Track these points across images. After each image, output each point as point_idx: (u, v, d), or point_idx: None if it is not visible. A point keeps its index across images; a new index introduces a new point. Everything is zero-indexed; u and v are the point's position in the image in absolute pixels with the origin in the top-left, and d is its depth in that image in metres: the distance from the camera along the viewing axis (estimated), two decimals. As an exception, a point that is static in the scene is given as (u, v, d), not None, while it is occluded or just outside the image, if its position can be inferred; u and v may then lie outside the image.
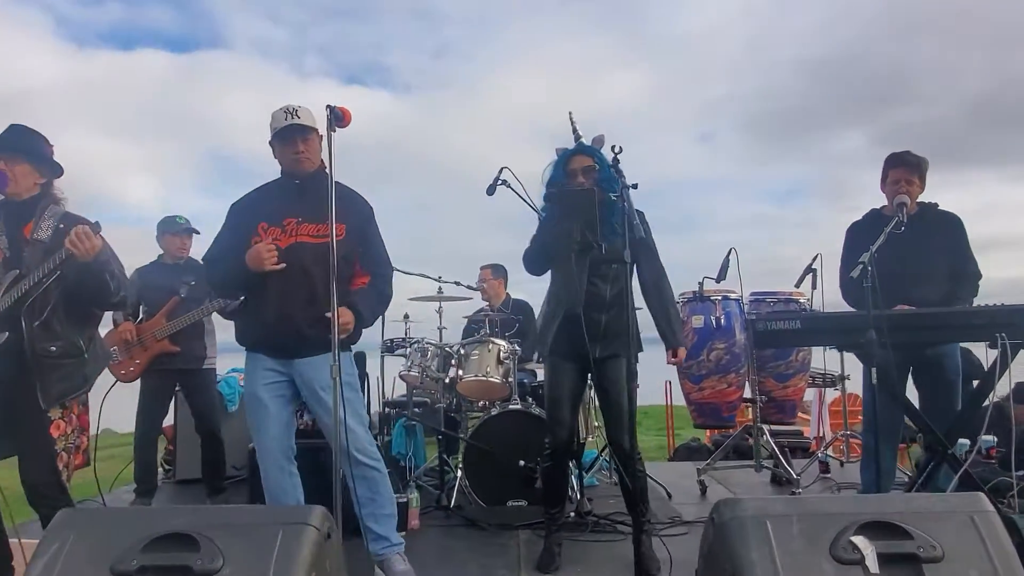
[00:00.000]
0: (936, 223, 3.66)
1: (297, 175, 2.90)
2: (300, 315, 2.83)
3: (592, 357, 3.05)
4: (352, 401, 2.92)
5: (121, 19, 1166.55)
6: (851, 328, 3.09)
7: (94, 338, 2.90)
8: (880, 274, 3.61)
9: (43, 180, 2.85)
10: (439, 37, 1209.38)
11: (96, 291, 2.72)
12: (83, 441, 2.95)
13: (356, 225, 2.93)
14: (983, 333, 3.04)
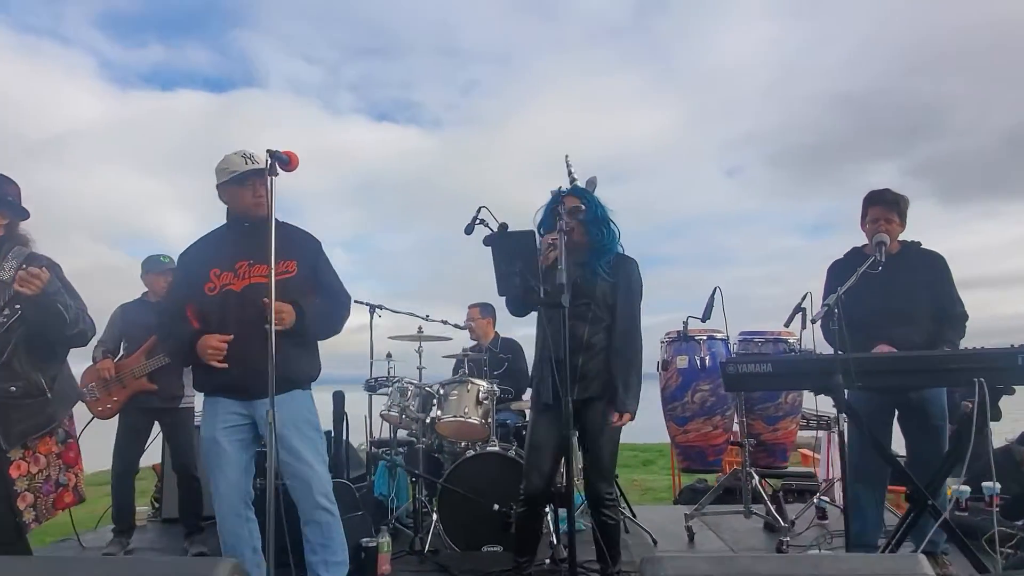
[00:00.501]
0: (919, 262, 3.56)
1: (250, 219, 2.91)
2: (259, 355, 2.81)
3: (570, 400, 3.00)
4: (314, 440, 2.91)
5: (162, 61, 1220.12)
6: (823, 371, 2.98)
7: (58, 377, 2.89)
8: (862, 314, 3.52)
9: (6, 222, 2.89)
10: (467, 74, 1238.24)
11: (52, 324, 2.73)
12: (71, 478, 2.95)
13: (306, 261, 2.95)
14: (961, 377, 2.92)
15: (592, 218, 3.10)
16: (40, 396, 2.77)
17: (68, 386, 2.97)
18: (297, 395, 2.89)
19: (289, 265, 2.89)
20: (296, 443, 2.82)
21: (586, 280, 3.10)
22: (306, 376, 2.94)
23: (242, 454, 2.89)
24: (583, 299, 3.09)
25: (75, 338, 2.86)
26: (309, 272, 2.95)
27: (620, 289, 3.13)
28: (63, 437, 2.90)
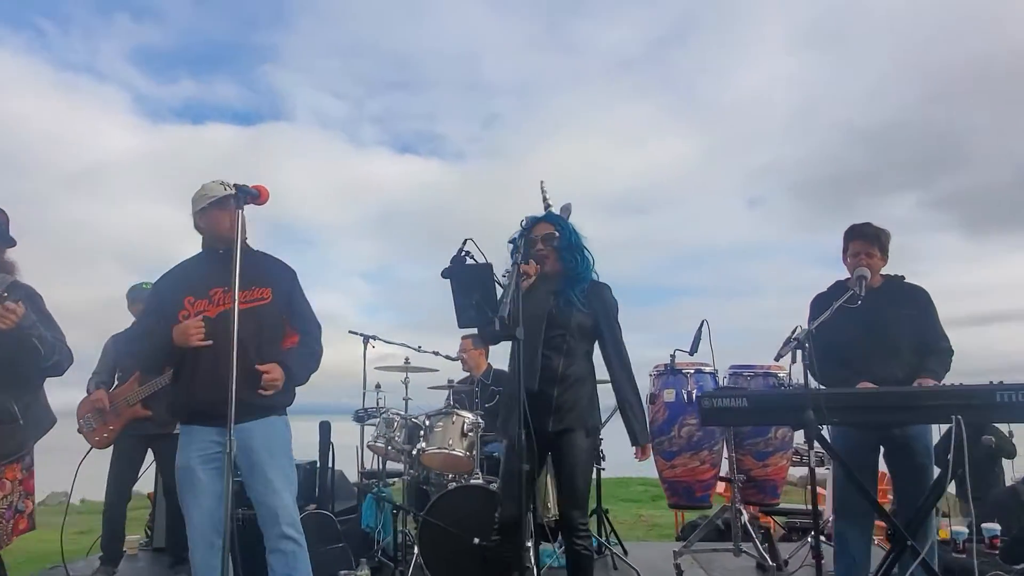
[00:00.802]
0: (902, 296, 3.53)
1: (225, 245, 2.95)
2: (243, 381, 2.83)
3: (545, 431, 3.01)
4: (284, 468, 2.91)
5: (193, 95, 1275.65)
6: (796, 407, 2.95)
7: (31, 405, 2.93)
8: (844, 350, 3.48)
9: None
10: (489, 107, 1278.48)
11: (26, 357, 2.77)
12: (28, 505, 2.98)
13: (282, 289, 3.00)
14: (938, 414, 2.87)
15: (566, 245, 3.10)
16: (12, 423, 2.81)
17: (42, 414, 3.00)
18: (273, 421, 2.91)
19: (264, 292, 2.93)
20: (268, 470, 2.83)
21: (561, 310, 3.08)
22: (281, 402, 2.95)
23: (217, 483, 2.85)
24: (558, 330, 3.07)
25: (50, 369, 2.90)
26: (284, 301, 3.00)
27: (601, 318, 3.12)
28: (28, 464, 2.94)
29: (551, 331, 3.07)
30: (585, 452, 3.09)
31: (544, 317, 3.07)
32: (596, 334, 3.14)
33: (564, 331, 3.08)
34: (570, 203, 3.15)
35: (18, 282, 2.94)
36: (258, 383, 2.81)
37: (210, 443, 2.87)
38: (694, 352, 4.33)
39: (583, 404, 3.08)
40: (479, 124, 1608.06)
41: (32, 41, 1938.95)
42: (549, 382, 3.04)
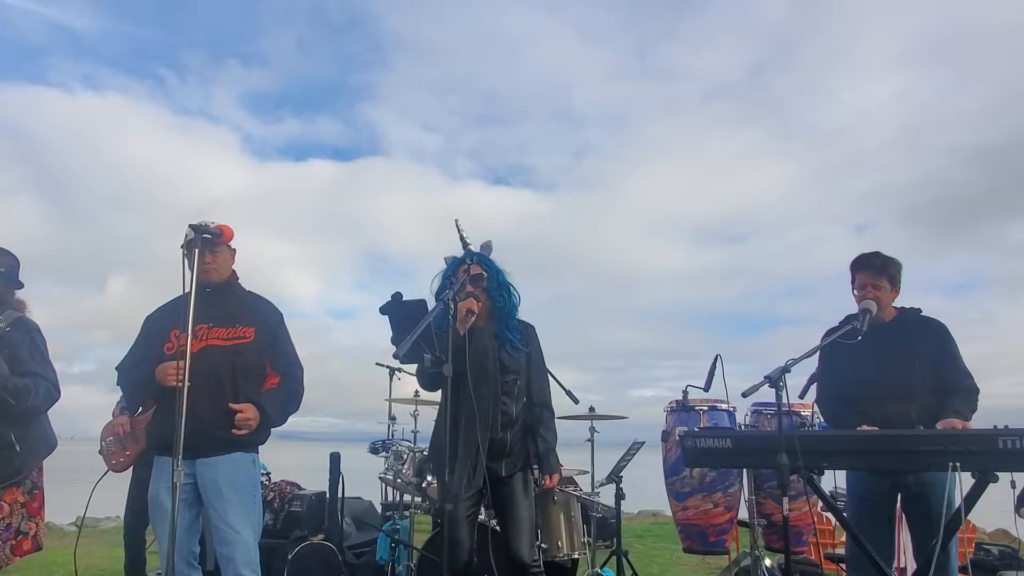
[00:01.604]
0: (917, 331, 3.27)
1: (207, 284, 3.06)
2: (207, 415, 2.91)
3: (499, 476, 3.04)
4: (246, 505, 2.93)
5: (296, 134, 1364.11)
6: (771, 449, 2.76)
7: (27, 433, 3.10)
8: (853, 389, 3.26)
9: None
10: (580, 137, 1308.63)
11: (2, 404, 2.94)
12: (31, 527, 3.14)
13: (266, 329, 3.06)
14: (934, 461, 2.62)
15: (495, 285, 3.10)
16: (8, 449, 2.98)
17: (40, 440, 3.17)
18: (236, 457, 2.93)
19: (247, 331, 3.01)
20: (228, 508, 2.86)
21: (509, 355, 3.09)
22: (246, 439, 2.97)
23: (185, 513, 2.92)
24: (511, 375, 3.08)
25: (25, 414, 3.04)
26: (267, 341, 3.05)
27: (533, 358, 3.17)
28: (29, 488, 3.10)
29: (504, 376, 3.07)
30: (530, 492, 3.13)
31: (497, 362, 3.07)
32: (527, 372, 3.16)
33: (516, 376, 3.09)
34: (490, 240, 3.12)
35: (23, 318, 3.16)
36: (230, 419, 2.87)
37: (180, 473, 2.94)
38: (708, 388, 4.13)
39: (526, 445, 3.13)
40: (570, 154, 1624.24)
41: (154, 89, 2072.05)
42: (505, 427, 3.05)
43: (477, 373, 2.96)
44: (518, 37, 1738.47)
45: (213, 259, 3.02)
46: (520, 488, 3.05)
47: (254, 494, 3.00)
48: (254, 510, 2.98)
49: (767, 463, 2.91)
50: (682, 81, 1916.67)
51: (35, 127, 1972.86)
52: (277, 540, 4.02)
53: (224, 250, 3.07)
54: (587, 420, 4.49)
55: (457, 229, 3.19)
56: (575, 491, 4.56)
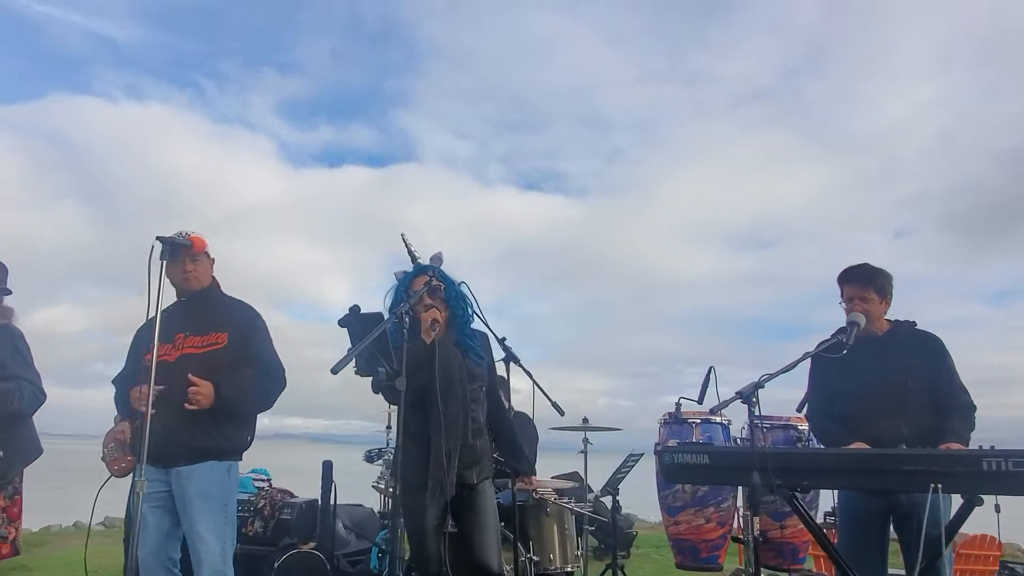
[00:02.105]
0: (910, 344, 3.16)
1: (184, 293, 3.08)
2: (183, 425, 2.91)
3: (470, 484, 2.99)
4: (216, 515, 2.93)
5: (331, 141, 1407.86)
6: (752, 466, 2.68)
7: (11, 439, 3.13)
8: (844, 405, 3.17)
9: None
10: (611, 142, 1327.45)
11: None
12: (11, 532, 3.18)
13: (236, 333, 3.05)
14: (915, 482, 2.52)
15: (452, 295, 3.08)
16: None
17: (25, 445, 3.21)
18: (208, 467, 2.93)
19: (220, 337, 3.02)
20: (195, 515, 2.88)
21: (474, 362, 3.07)
22: (220, 448, 2.98)
23: (162, 521, 2.96)
24: (476, 382, 3.06)
25: (11, 416, 3.08)
26: (240, 344, 3.05)
27: (489, 367, 3.19)
28: (11, 493, 3.15)
29: (472, 383, 3.05)
30: (491, 499, 3.09)
31: (464, 371, 3.03)
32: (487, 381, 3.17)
33: (480, 383, 3.09)
34: (440, 252, 3.10)
35: (7, 325, 3.21)
36: (202, 427, 2.88)
37: (156, 482, 2.95)
38: (701, 401, 4.05)
39: (489, 453, 3.14)
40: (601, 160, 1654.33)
41: (194, 98, 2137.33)
42: (476, 434, 3.03)
43: (445, 382, 2.94)
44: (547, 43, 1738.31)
45: (194, 268, 3.05)
46: (488, 496, 3.03)
47: (226, 503, 2.99)
48: (224, 519, 2.97)
49: (739, 480, 2.83)
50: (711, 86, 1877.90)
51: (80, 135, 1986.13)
52: (266, 548, 4.02)
53: (203, 259, 3.09)
54: (581, 431, 4.43)
55: (405, 244, 3.19)
56: (570, 503, 4.50)
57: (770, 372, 2.77)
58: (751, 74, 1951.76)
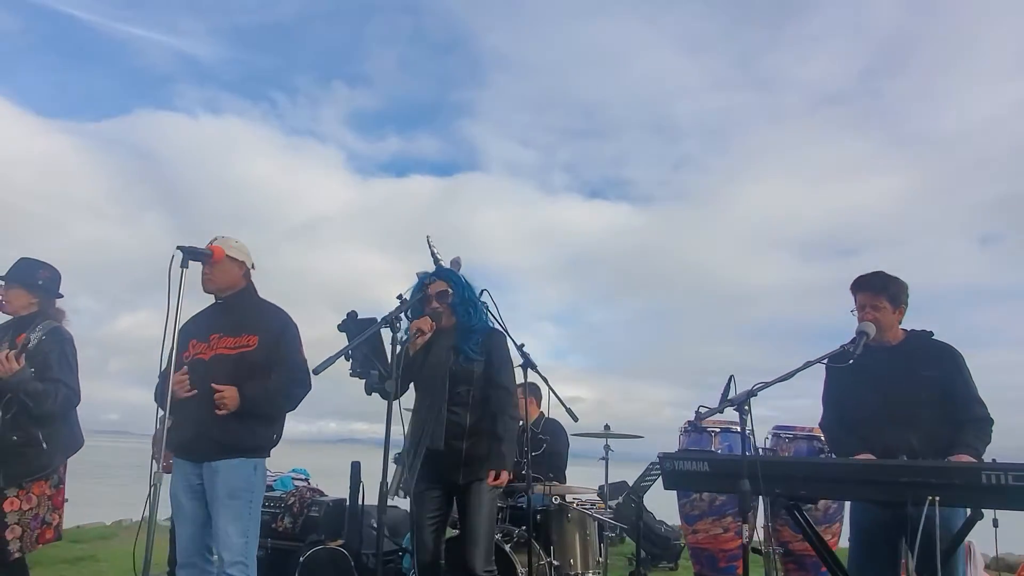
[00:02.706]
0: (924, 355, 3.09)
1: (217, 296, 3.24)
2: (215, 421, 3.06)
3: (456, 483, 3.11)
4: (239, 510, 3.05)
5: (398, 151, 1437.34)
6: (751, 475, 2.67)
7: (54, 433, 3.34)
8: (856, 416, 3.13)
9: (37, 300, 3.50)
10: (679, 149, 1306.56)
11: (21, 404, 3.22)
12: (55, 518, 3.42)
13: (268, 336, 3.17)
14: (910, 494, 2.47)
15: (460, 300, 3.16)
16: (37, 447, 3.26)
17: (67, 440, 3.44)
18: (233, 464, 3.05)
19: (251, 339, 3.15)
20: (220, 509, 3.02)
21: (462, 366, 3.14)
22: (244, 446, 3.09)
23: (199, 511, 3.11)
24: (463, 385, 3.13)
25: (44, 417, 3.27)
26: (270, 347, 3.15)
27: (491, 365, 3.19)
28: (55, 482, 3.38)
29: (455, 387, 3.13)
30: (489, 501, 3.13)
31: (447, 374, 3.12)
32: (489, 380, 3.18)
33: (469, 386, 3.14)
34: (459, 257, 3.19)
35: (59, 328, 3.45)
36: (230, 425, 3.02)
37: (191, 475, 3.13)
38: (722, 410, 4.03)
39: (485, 456, 3.12)
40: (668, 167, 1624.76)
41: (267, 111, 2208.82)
42: (457, 437, 3.10)
43: (427, 384, 3.07)
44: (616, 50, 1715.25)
45: (211, 272, 3.19)
46: (479, 496, 3.07)
47: (250, 499, 3.09)
48: (248, 514, 3.08)
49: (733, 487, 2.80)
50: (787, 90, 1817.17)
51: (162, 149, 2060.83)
52: (295, 543, 4.19)
53: (225, 263, 3.19)
54: (602, 438, 4.45)
55: (429, 246, 3.29)
56: (592, 510, 4.53)
57: (765, 380, 2.75)
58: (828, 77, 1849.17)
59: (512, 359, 3.36)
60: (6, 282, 3.48)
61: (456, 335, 3.18)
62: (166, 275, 2.75)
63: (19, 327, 3.45)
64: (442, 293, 3.14)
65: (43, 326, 3.43)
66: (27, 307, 3.49)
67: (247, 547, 3.07)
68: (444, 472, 3.06)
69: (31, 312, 3.49)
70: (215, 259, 2.96)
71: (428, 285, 3.21)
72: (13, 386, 3.18)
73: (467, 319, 3.19)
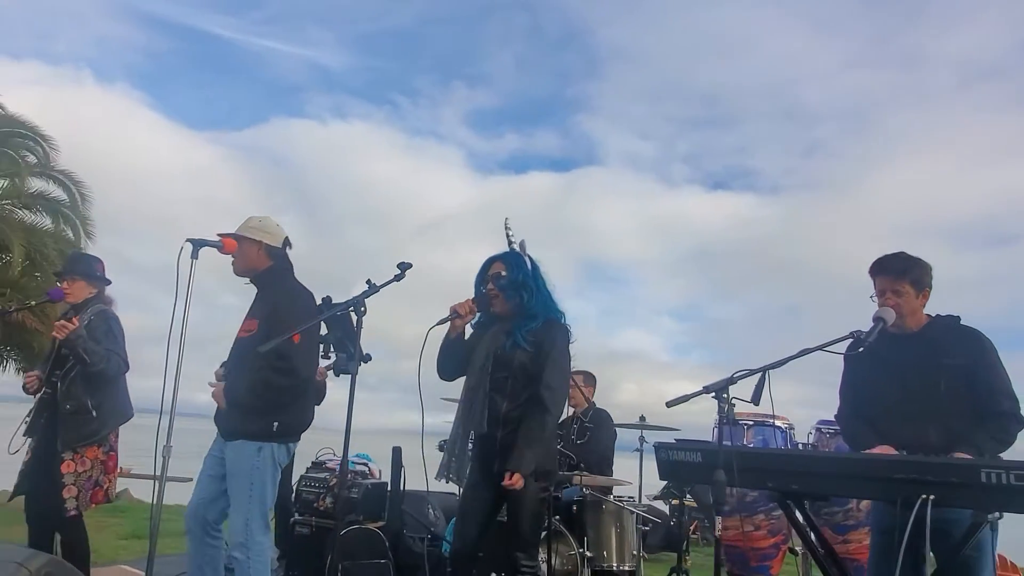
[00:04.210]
0: (949, 343, 2.83)
1: (240, 276, 3.39)
2: (232, 403, 3.26)
3: (493, 471, 3.02)
4: (243, 490, 3.14)
5: (517, 148, 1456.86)
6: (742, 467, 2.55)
7: (104, 401, 3.69)
8: (873, 407, 2.93)
9: (95, 289, 3.87)
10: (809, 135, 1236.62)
11: (79, 361, 3.57)
12: (107, 481, 3.77)
13: (267, 319, 3.20)
14: (902, 491, 2.27)
15: (510, 283, 3.06)
16: (87, 415, 3.62)
17: (118, 409, 3.78)
18: (240, 445, 3.17)
19: (253, 324, 3.27)
20: (228, 487, 3.18)
21: (506, 352, 3.05)
22: (248, 430, 3.17)
23: (209, 486, 3.25)
24: (502, 371, 3.04)
25: (97, 374, 3.62)
26: (267, 334, 3.11)
27: (540, 358, 3.04)
28: (107, 448, 3.73)
29: (497, 372, 3.06)
30: (529, 495, 3.00)
31: (491, 358, 3.07)
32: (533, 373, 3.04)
33: (507, 373, 3.04)
34: (524, 240, 3.12)
35: (106, 310, 3.81)
36: (240, 407, 3.18)
37: (216, 449, 3.31)
38: (756, 402, 3.85)
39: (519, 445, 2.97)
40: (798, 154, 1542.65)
41: (390, 114, 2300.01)
42: (494, 424, 3.03)
43: (473, 369, 3.06)
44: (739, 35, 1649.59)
45: (233, 256, 3.33)
46: (512, 490, 2.93)
47: (251, 481, 3.13)
48: (248, 495, 3.13)
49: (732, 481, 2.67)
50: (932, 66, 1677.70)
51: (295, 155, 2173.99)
52: (332, 521, 4.37)
53: (242, 246, 3.31)
54: (637, 429, 4.36)
55: (505, 228, 3.28)
56: (628, 504, 4.45)
57: (750, 368, 2.62)
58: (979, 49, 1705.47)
59: (569, 356, 3.19)
60: (69, 276, 3.86)
61: (512, 320, 3.11)
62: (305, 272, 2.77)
63: (76, 312, 3.82)
64: (496, 275, 3.09)
65: (92, 309, 3.80)
66: (85, 296, 3.86)
67: (247, 529, 3.11)
68: (484, 461, 3.03)
69: (86, 299, 3.86)
70: (226, 250, 3.11)
71: (488, 267, 3.21)
72: (71, 342, 3.53)
73: (519, 303, 3.09)
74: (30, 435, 3.73)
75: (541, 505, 3.08)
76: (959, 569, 2.65)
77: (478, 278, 3.21)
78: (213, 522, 3.30)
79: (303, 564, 4.34)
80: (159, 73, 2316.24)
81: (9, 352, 9.91)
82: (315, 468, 4.80)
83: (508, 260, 3.16)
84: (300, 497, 4.65)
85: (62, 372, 3.64)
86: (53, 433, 3.62)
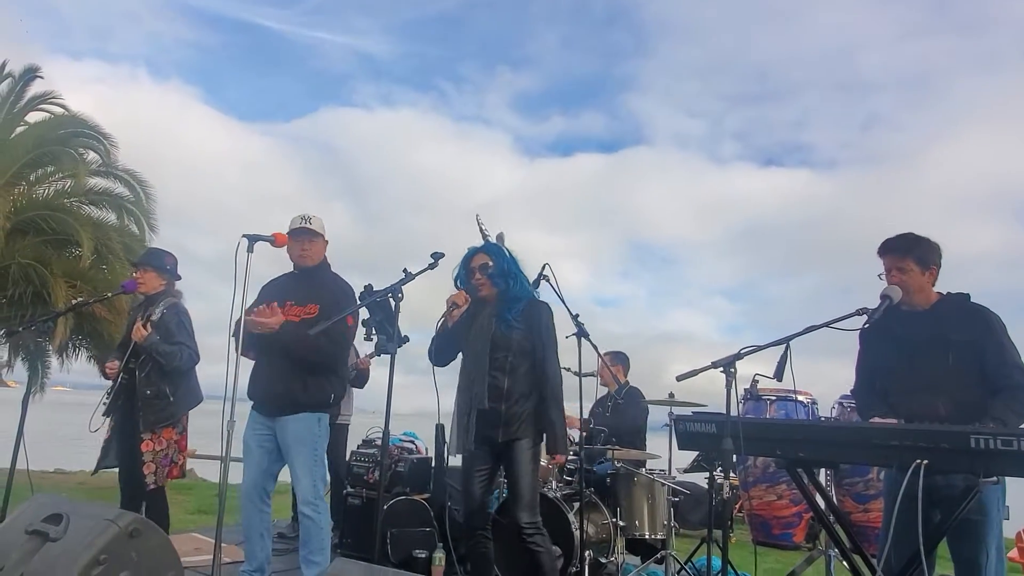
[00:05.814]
0: (957, 319, 2.97)
1: (299, 268, 3.72)
2: (281, 380, 3.57)
3: (496, 442, 3.35)
4: (306, 458, 3.54)
5: (563, 130, 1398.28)
6: (751, 436, 2.75)
7: (179, 387, 4.08)
8: (885, 381, 3.08)
9: (164, 282, 4.23)
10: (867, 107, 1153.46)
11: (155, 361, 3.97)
12: (181, 459, 4.16)
13: (327, 305, 3.56)
14: (896, 457, 2.46)
15: (499, 272, 3.39)
16: (164, 399, 4.01)
17: (190, 394, 4.16)
18: (301, 417, 3.53)
19: (313, 308, 3.59)
20: (292, 457, 3.53)
21: (502, 333, 3.37)
22: (309, 401, 3.54)
23: (264, 458, 3.59)
24: (501, 351, 3.36)
25: (173, 372, 4.01)
26: (326, 316, 3.45)
27: (535, 337, 3.39)
28: (180, 429, 4.12)
29: (496, 353, 3.37)
30: (529, 459, 3.34)
31: (488, 340, 3.38)
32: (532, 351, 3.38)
33: (507, 352, 3.36)
34: (503, 232, 3.40)
35: (176, 303, 4.17)
36: (300, 386, 3.51)
37: (261, 426, 3.63)
38: (779, 378, 4.02)
39: (528, 416, 3.34)
40: (855, 128, 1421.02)
41: (436, 100, 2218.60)
42: (497, 399, 3.34)
43: (471, 351, 3.37)
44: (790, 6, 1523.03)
45: (310, 247, 3.68)
46: (518, 454, 3.29)
47: (315, 448, 3.56)
48: (313, 460, 3.55)
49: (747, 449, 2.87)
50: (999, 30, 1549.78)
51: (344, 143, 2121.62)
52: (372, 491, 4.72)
53: (319, 241, 3.70)
54: (666, 406, 4.56)
55: (478, 223, 3.58)
56: (660, 477, 4.65)
57: (758, 344, 2.81)
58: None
59: (554, 331, 3.52)
60: (143, 267, 4.24)
61: (498, 304, 3.44)
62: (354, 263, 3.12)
63: (148, 304, 4.19)
64: (483, 266, 3.42)
65: (164, 303, 4.15)
66: (156, 288, 4.23)
67: (316, 487, 3.56)
68: (486, 432, 3.32)
69: (158, 292, 4.22)
70: (278, 244, 3.41)
71: (471, 259, 3.51)
72: (147, 348, 3.95)
73: (506, 289, 3.42)
74: (109, 415, 4.14)
75: (536, 466, 3.37)
76: (964, 532, 2.81)
77: (461, 269, 3.51)
78: (268, 492, 3.66)
79: (355, 532, 4.69)
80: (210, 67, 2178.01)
81: (80, 341, 10.45)
82: (365, 445, 5.19)
83: (491, 251, 3.48)
84: (352, 471, 5.02)
85: (138, 361, 4.03)
86: (132, 415, 4.01)
